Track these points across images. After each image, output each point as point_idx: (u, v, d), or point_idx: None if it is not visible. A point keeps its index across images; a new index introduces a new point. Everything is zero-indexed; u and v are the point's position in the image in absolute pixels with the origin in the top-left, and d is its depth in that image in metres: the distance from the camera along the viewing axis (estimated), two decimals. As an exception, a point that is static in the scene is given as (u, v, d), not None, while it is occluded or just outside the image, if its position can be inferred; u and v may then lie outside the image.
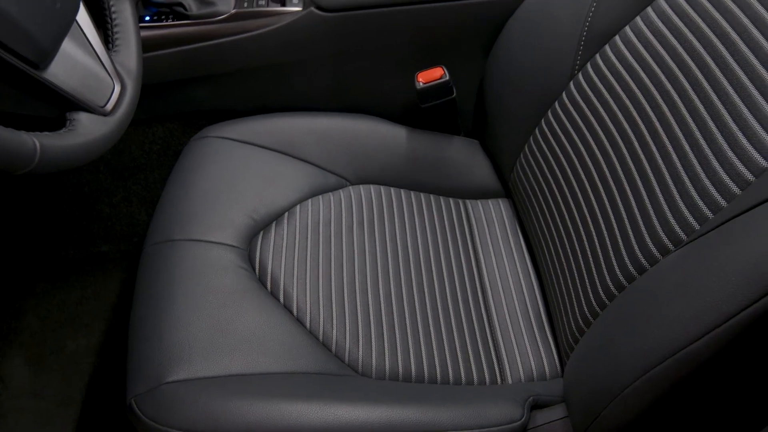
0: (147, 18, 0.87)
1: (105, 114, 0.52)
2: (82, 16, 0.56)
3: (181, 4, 0.86)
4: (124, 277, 1.14)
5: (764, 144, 0.50)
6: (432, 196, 0.89)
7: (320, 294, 0.73)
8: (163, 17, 0.87)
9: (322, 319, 0.71)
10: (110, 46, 0.60)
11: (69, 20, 0.51)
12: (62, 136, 0.46)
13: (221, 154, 0.85)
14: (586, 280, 0.65)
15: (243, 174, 0.83)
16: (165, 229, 0.77)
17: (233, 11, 0.87)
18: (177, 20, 0.87)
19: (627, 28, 0.67)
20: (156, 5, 0.87)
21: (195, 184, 0.81)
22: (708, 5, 0.59)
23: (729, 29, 0.56)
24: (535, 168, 0.78)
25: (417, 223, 0.84)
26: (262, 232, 0.78)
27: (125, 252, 1.15)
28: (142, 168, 1.05)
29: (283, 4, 0.88)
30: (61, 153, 0.45)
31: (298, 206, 0.82)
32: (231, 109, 0.96)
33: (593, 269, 0.64)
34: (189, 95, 0.94)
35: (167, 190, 0.83)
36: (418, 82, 0.86)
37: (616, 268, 0.61)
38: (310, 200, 0.83)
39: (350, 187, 0.86)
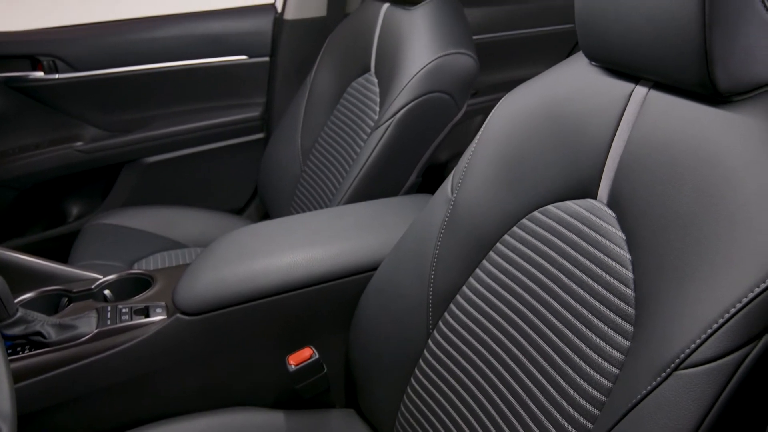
0: (0, 353, 0.84)
1: (-16, 469, 0.49)
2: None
3: (38, 333, 0.85)
4: None
5: (603, 368, 0.60)
6: (321, 478, 0.88)
7: None
8: (18, 349, 0.85)
9: None
10: (-19, 394, 0.57)
11: None
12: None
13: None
14: None
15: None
16: None
17: (95, 331, 0.87)
18: (35, 349, 0.85)
19: (465, 288, 0.79)
20: (10, 338, 0.84)
21: None
22: (522, 262, 0.72)
23: (545, 279, 0.69)
24: (415, 425, 0.82)
25: None
26: None
27: None
28: None
29: (147, 315, 0.90)
30: None
31: None
32: None
33: None
34: (51, 425, 0.88)
35: None
36: (290, 365, 0.90)
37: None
38: None
39: None
